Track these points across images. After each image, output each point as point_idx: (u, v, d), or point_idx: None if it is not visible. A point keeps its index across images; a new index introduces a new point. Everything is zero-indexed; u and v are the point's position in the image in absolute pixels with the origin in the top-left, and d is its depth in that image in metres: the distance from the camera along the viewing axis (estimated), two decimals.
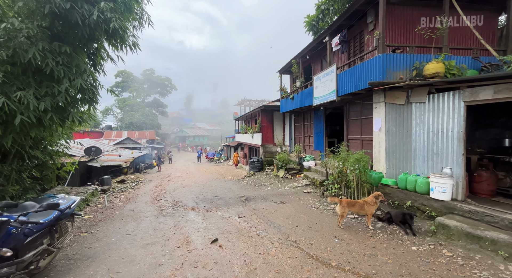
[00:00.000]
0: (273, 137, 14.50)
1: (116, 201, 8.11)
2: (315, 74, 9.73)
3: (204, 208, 6.80)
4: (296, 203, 6.75)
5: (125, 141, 26.95)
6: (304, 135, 11.66)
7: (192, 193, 9.38)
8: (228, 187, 10.32)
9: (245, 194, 8.21)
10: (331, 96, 7.41)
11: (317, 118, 9.99)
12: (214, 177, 14.57)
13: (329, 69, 7.47)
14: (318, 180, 7.94)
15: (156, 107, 51.30)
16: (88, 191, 8.03)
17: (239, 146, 25.87)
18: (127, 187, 11.05)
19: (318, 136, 10.03)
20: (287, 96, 11.81)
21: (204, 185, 11.28)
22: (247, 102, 38.13)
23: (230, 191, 9.34)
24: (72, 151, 13.73)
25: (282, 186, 9.17)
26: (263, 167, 13.51)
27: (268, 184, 9.94)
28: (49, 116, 4.89)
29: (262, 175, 12.42)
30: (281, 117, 14.54)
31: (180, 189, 10.50)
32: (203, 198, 8.14)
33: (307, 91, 9.48)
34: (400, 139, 5.44)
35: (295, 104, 10.80)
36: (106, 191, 9.57)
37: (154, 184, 12.36)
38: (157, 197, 8.76)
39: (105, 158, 14.52)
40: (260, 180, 11.11)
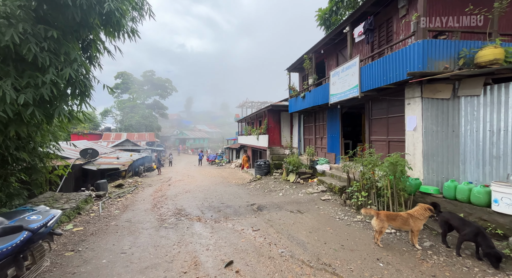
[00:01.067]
0: (280, 139, 13.71)
1: (112, 208, 7.28)
2: (330, 69, 8.99)
3: (211, 218, 5.98)
4: (315, 213, 5.93)
5: (124, 143, 26.14)
6: (316, 137, 10.87)
7: (196, 199, 8.55)
8: (235, 193, 9.49)
9: (255, 202, 7.39)
10: (353, 93, 6.65)
11: (332, 117, 9.22)
12: (218, 181, 13.74)
13: (350, 62, 6.72)
14: (337, 186, 7.13)
15: (156, 109, 50.59)
16: (80, 198, 7.21)
17: (241, 148, 25.07)
18: (125, 192, 10.21)
19: (332, 137, 9.24)
20: (296, 95, 11.06)
21: (208, 190, 10.46)
22: (249, 103, 37.47)
23: (237, 198, 8.52)
24: (67, 153, 12.92)
25: (294, 192, 8.34)
26: (270, 171, 12.69)
27: (278, 190, 9.11)
28: (30, 110, 4.10)
29: (269, 179, 11.60)
30: (289, 117, 13.77)
31: (182, 194, 9.67)
32: (209, 206, 7.31)
33: (321, 89, 8.73)
34: (443, 139, 4.66)
35: (306, 103, 10.04)
36: (102, 197, 8.73)
37: (154, 188, 11.52)
38: (158, 204, 7.93)
39: (102, 161, 13.70)
40: (268, 185, 10.29)
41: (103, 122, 46.01)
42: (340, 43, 8.33)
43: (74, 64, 4.55)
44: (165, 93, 53.00)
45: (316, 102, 9.10)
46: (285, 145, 13.81)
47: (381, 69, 5.60)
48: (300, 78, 12.22)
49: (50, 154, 7.79)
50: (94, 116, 43.54)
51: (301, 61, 10.64)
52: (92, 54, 6.14)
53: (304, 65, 9.69)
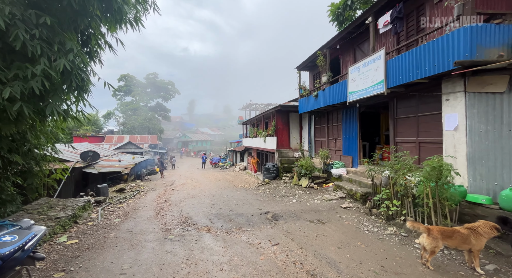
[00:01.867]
0: (289, 141, 13.08)
1: (112, 216, 6.67)
2: (346, 66, 8.39)
3: (221, 228, 5.33)
4: (339, 224, 5.26)
5: (126, 146, 25.68)
6: (329, 139, 10.22)
7: (203, 205, 7.92)
8: (243, 199, 8.85)
9: (268, 209, 6.74)
10: (377, 89, 6.02)
11: (348, 118, 8.59)
12: (223, 185, 13.11)
13: (374, 56, 6.11)
14: (358, 192, 6.47)
15: (159, 111, 50.31)
16: (78, 204, 6.62)
17: (246, 151, 24.45)
18: (127, 198, 9.62)
19: (349, 139, 8.59)
20: (308, 95, 10.45)
21: (215, 196, 9.82)
22: (252, 105, 36.97)
23: (247, 204, 7.87)
24: (66, 155, 12.40)
25: (309, 198, 7.68)
26: (279, 175, 12.04)
27: (291, 196, 8.45)
28: (17, 106, 3.54)
29: (279, 183, 10.93)
30: (298, 118, 13.15)
31: (187, 200, 9.05)
32: (217, 214, 6.67)
33: (337, 86, 8.12)
34: (496, 140, 4.00)
35: (319, 103, 9.42)
36: (102, 203, 8.14)
37: (157, 193, 10.92)
38: (161, 211, 7.32)
39: (104, 164, 13.16)
40: (279, 190, 9.63)
41: (105, 125, 45.81)
42: (359, 37, 7.74)
43: (70, 54, 3.99)
44: (168, 95, 52.78)
45: (331, 101, 8.48)
46: (294, 147, 13.16)
47: (413, 61, 4.97)
48: (311, 77, 11.63)
49: (47, 156, 7.25)
50: (97, 119, 43.42)
51: (313, 59, 10.06)
52: (92, 49, 5.63)
53: (318, 62, 9.10)
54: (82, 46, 5.70)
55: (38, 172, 7.07)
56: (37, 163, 7.07)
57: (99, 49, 5.83)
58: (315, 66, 10.96)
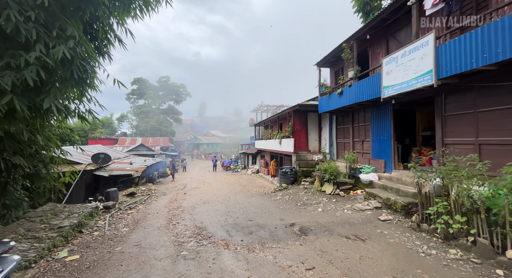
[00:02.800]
0: (307, 143, 12.20)
1: (120, 225, 6.10)
2: (377, 58, 7.48)
3: (242, 244, 4.58)
4: (383, 241, 4.37)
5: (138, 148, 25.68)
6: (354, 140, 9.28)
7: (217, 213, 7.22)
8: (261, 206, 8.07)
9: (293, 220, 5.92)
10: (423, 81, 5.11)
11: (379, 116, 7.64)
12: (237, 190, 12.40)
13: (418, 43, 5.21)
14: (399, 202, 5.52)
15: (171, 114, 50.77)
16: (85, 211, 6.11)
17: (258, 153, 23.72)
18: (137, 203, 9.11)
19: (380, 140, 7.63)
20: (330, 92, 9.59)
21: (229, 201, 9.12)
22: (264, 107, 36.26)
23: (266, 213, 7.08)
24: (77, 157, 12.16)
25: (337, 207, 6.78)
26: (297, 179, 11.17)
27: (314, 204, 7.57)
28: (6, 99, 2.99)
29: (298, 189, 10.07)
30: (316, 119, 12.27)
31: (200, 206, 8.39)
32: (235, 224, 5.93)
33: (367, 82, 7.22)
34: None
35: (344, 101, 8.53)
36: (111, 209, 7.64)
37: (168, 198, 10.37)
38: (173, 219, 6.68)
39: (115, 166, 12.85)
40: (299, 197, 8.77)
41: (119, 128, 46.70)
42: (392, 25, 6.84)
43: (70, 41, 3.43)
44: (180, 98, 53.23)
45: (360, 98, 7.58)
46: (313, 150, 12.26)
47: (478, 44, 4.05)
48: (332, 74, 10.75)
49: (55, 158, 6.84)
50: (111, 122, 44.34)
51: (336, 53, 9.21)
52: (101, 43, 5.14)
53: (343, 55, 8.24)
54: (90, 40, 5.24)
55: (46, 175, 6.67)
56: (45, 165, 6.67)
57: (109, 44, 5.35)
58: (337, 62, 10.10)
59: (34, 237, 4.28)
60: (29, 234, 4.37)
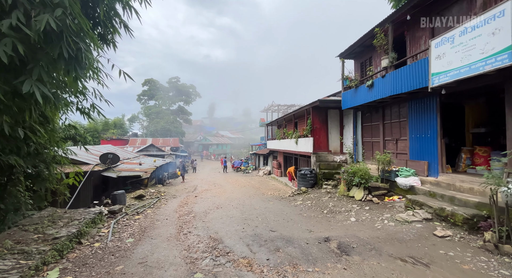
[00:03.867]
0: (327, 143, 11.18)
1: (125, 234, 5.37)
2: (417, 43, 6.43)
3: (268, 264, 3.70)
4: (454, 269, 3.35)
5: (148, 148, 25.42)
6: (385, 139, 8.20)
7: (233, 220, 6.39)
8: (281, 213, 7.16)
9: (324, 232, 4.98)
10: (495, 62, 4.06)
11: (420, 111, 6.57)
12: (251, 193, 11.55)
13: (487, 15, 4.17)
14: (458, 214, 4.47)
15: (181, 114, 50.79)
16: (87, 217, 5.43)
17: (270, 154, 22.83)
18: (145, 206, 8.44)
19: (421, 139, 6.55)
20: (357, 85, 8.57)
21: (244, 206, 8.27)
22: (275, 107, 35.33)
23: (289, 221, 6.16)
24: (85, 158, 11.70)
25: (373, 217, 5.76)
26: (317, 182, 10.18)
27: (343, 211, 6.58)
28: None
29: (320, 193, 9.08)
30: (338, 116, 11.24)
31: (213, 211, 7.59)
32: (255, 235, 5.07)
33: (407, 70, 6.19)
34: None
35: (375, 94, 7.50)
36: (117, 214, 6.97)
37: (178, 201, 9.66)
38: (184, 227, 5.91)
39: (123, 167, 12.33)
40: (323, 202, 7.79)
41: (130, 129, 47.18)
42: (441, 1, 5.79)
43: (58, 10, 2.69)
44: (189, 99, 53.20)
45: (397, 89, 6.54)
46: (334, 150, 11.24)
47: None
48: (357, 66, 9.71)
49: (58, 157, 6.25)
50: (123, 123, 44.86)
51: (363, 42, 8.20)
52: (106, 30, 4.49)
53: (375, 42, 7.22)
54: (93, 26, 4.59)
55: (48, 176, 6.08)
56: (47, 166, 6.09)
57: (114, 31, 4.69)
58: (364, 52, 9.07)
59: (22, 251, 3.60)
60: (17, 248, 3.69)
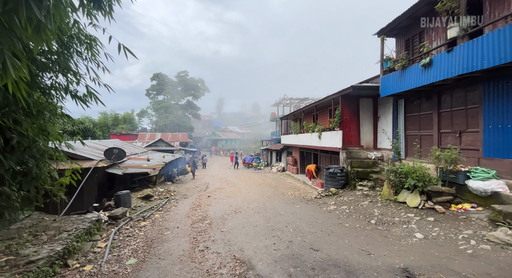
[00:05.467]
0: (358, 137, 9.72)
1: (127, 251, 4.24)
2: (500, 6, 4.83)
3: None
4: None
5: (157, 143, 24.61)
6: (441, 132, 6.68)
7: (258, 231, 5.17)
8: (314, 221, 5.85)
9: (393, 258, 3.64)
10: None
11: (504, 93, 5.03)
12: (269, 193, 10.30)
13: None
14: None
15: (190, 109, 50.01)
16: (80, 227, 4.34)
17: (285, 150, 21.49)
18: (153, 208, 7.36)
19: (505, 130, 5.02)
20: (404, 66, 7.02)
21: (266, 210, 7.04)
22: (287, 100, 33.71)
23: (330, 234, 4.84)
24: (90, 153, 10.79)
25: (448, 233, 4.35)
26: (348, 182, 8.79)
27: (398, 222, 5.18)
28: None
29: (355, 196, 7.70)
30: (371, 106, 9.73)
31: (231, 217, 6.40)
32: (293, 256, 3.80)
33: (492, 38, 4.63)
34: None
35: (434, 74, 5.96)
36: (119, 220, 5.89)
37: (190, 202, 8.54)
38: (199, 239, 4.74)
39: (130, 163, 11.34)
40: (364, 208, 6.42)
41: (140, 124, 46.94)
42: None
43: None
44: (198, 93, 52.25)
45: (474, 65, 4.99)
46: (366, 145, 9.76)
47: None
48: (401, 44, 8.11)
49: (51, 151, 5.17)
50: (132, 118, 44.65)
51: (412, 13, 6.61)
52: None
53: (438, 6, 5.63)
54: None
55: (40, 174, 5.02)
56: (37, 162, 5.02)
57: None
58: (411, 26, 7.47)
59: None
60: None
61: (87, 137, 28.22)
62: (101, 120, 38.11)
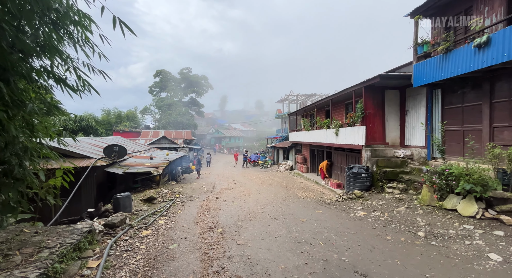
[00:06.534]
0: (383, 133, 8.72)
1: (123, 273, 3.37)
2: None
3: None
4: None
5: (161, 141, 23.84)
6: (493, 126, 5.65)
7: (281, 243, 4.27)
8: (345, 231, 4.93)
9: None
10: None
11: None
12: (282, 194, 9.40)
13: None
14: None
15: (193, 106, 49.23)
16: (66, 242, 3.48)
17: (293, 147, 20.53)
18: (157, 213, 6.51)
19: None
20: (447, 49, 5.98)
21: (284, 216, 6.15)
22: (293, 96, 32.61)
23: (372, 251, 3.91)
24: (88, 150, 9.98)
25: None
26: (374, 183, 7.83)
27: (454, 236, 4.22)
28: None
29: (385, 199, 6.75)
30: (397, 98, 8.72)
31: (246, 224, 5.51)
32: None
33: None
34: None
35: (492, 56, 4.94)
36: (116, 228, 5.03)
37: (197, 205, 7.67)
38: (213, 256, 3.86)
39: (132, 161, 10.53)
40: (401, 216, 5.47)
41: (143, 121, 46.39)
42: None
43: None
44: (201, 90, 51.38)
45: None
46: (392, 142, 8.77)
47: None
48: (439, 26, 7.03)
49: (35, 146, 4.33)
50: (135, 115, 44.10)
51: None
52: None
53: None
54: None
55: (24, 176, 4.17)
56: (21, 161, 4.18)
57: None
58: (454, 3, 6.42)
59: None
60: None
61: (89, 135, 27.62)
62: (104, 117, 37.55)
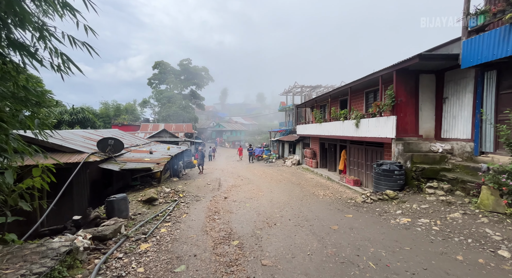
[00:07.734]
0: (416, 124, 7.61)
1: None
2: None
3: None
4: None
5: (161, 134, 22.75)
6: None
7: (318, 264, 3.28)
8: (398, 246, 3.92)
9: None
10: None
11: None
12: (296, 193, 8.41)
13: None
14: None
15: (193, 99, 47.84)
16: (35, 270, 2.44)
17: (300, 141, 19.45)
18: (158, 219, 5.49)
19: None
20: None
21: (309, 221, 5.14)
22: (297, 88, 31.28)
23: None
24: (81, 143, 8.87)
25: None
26: (408, 182, 6.79)
27: None
28: None
29: (426, 201, 5.72)
30: (433, 84, 7.57)
31: (267, 234, 4.49)
32: None
33: None
34: None
35: None
36: (107, 242, 4.01)
37: (205, 207, 6.65)
38: None
39: (130, 156, 9.46)
40: (458, 224, 4.45)
41: (142, 114, 45.18)
42: None
43: None
44: (202, 82, 49.84)
45: None
46: (426, 135, 7.68)
47: None
48: None
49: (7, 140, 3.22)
50: (134, 108, 42.87)
51: None
52: None
53: None
54: None
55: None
56: None
57: None
58: None
59: None
60: None
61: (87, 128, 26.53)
62: (102, 110, 36.30)
